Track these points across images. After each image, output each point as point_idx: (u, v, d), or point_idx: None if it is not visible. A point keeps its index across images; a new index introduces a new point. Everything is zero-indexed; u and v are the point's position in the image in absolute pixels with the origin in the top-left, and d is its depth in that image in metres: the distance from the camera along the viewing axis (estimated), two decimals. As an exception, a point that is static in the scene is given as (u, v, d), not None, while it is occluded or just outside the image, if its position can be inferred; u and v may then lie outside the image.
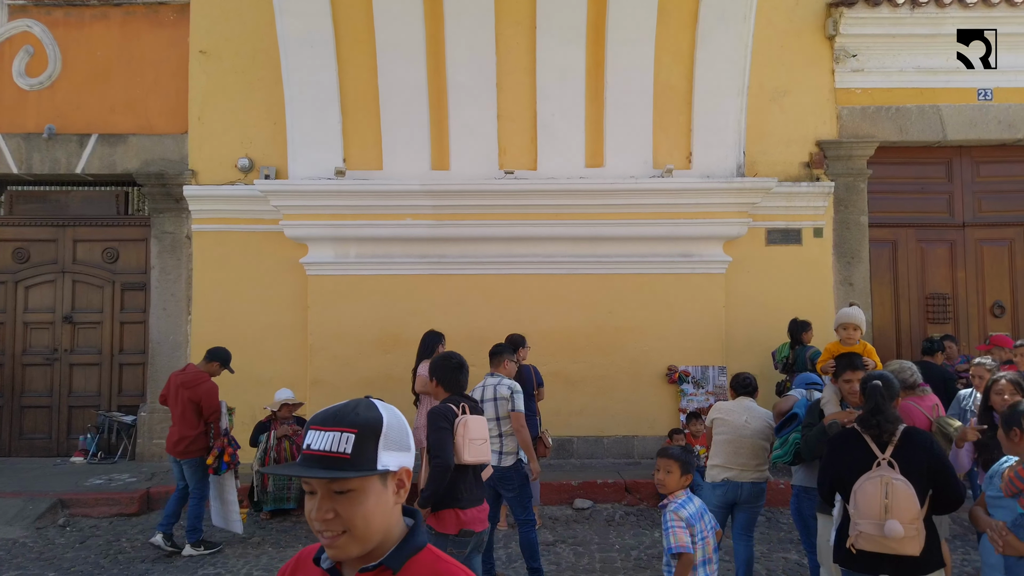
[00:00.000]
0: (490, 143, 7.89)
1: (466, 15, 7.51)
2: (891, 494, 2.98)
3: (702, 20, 7.64)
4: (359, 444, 1.32)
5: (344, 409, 1.36)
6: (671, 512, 3.43)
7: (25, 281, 8.41)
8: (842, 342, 4.50)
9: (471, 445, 3.85)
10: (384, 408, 1.39)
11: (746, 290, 8.05)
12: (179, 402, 5.79)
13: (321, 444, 1.32)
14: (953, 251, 8.47)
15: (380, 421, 1.35)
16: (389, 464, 1.35)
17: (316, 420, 1.37)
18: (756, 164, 8.14)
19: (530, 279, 7.97)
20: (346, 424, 1.32)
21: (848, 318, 4.51)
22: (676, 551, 3.35)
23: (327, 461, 1.31)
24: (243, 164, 8.07)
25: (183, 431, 5.74)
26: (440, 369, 4.23)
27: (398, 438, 1.37)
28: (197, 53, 8.17)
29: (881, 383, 3.29)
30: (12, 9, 8.24)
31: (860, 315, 4.59)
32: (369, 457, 1.32)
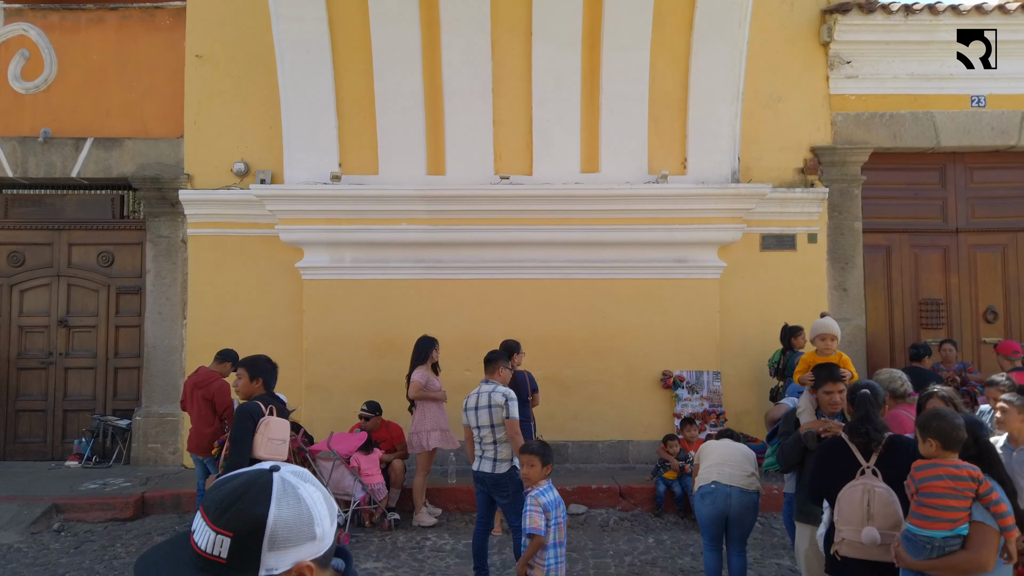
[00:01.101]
0: (486, 148, 7.91)
1: (462, 21, 7.53)
2: (873, 501, 3.02)
3: (697, 26, 7.67)
4: (235, 548, 1.15)
5: (228, 499, 1.16)
6: (531, 497, 3.92)
7: (20, 284, 8.40)
8: (818, 352, 4.55)
9: (269, 444, 4.25)
10: (277, 500, 1.17)
11: (740, 295, 8.08)
12: (195, 402, 6.12)
13: (201, 540, 1.16)
14: (946, 257, 8.51)
15: (263, 520, 1.15)
16: (276, 567, 1.16)
17: (205, 503, 1.19)
18: (751, 170, 8.17)
19: (525, 284, 7.98)
20: (223, 524, 1.15)
21: (824, 328, 4.54)
22: (529, 532, 3.86)
23: (203, 562, 1.16)
24: (239, 168, 8.08)
25: (201, 428, 6.06)
26: (262, 370, 4.61)
27: (289, 535, 1.17)
28: (193, 57, 8.17)
29: (869, 392, 3.33)
30: (8, 13, 8.24)
31: (835, 325, 4.63)
32: (250, 561, 1.15)
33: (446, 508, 6.84)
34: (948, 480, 2.83)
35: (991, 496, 2.80)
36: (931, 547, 2.85)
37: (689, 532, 6.27)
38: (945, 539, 2.83)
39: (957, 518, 2.82)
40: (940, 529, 2.82)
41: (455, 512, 6.83)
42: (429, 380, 6.53)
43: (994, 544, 2.80)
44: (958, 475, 2.83)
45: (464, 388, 6.46)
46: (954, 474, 2.84)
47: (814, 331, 4.64)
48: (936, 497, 2.84)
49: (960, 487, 2.82)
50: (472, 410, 5.08)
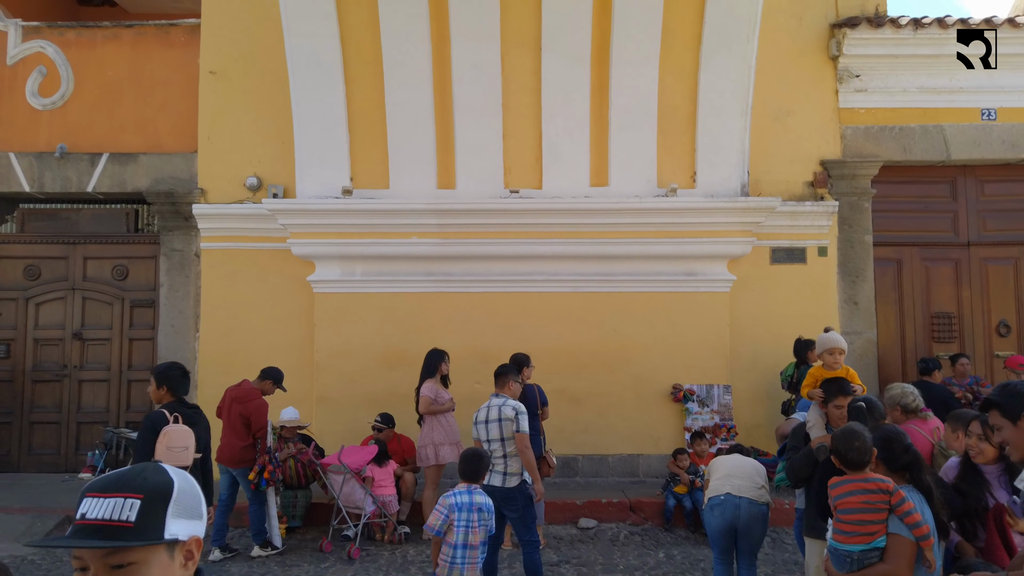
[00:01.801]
0: (495, 162, 7.96)
1: (472, 37, 7.60)
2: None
3: (705, 41, 7.71)
4: (145, 510, 1.18)
5: (129, 474, 1.22)
6: (442, 497, 4.18)
7: (36, 298, 8.51)
8: (826, 367, 4.54)
9: (168, 452, 4.44)
10: (175, 472, 1.27)
11: (750, 309, 8.07)
12: (231, 415, 6.20)
13: (99, 512, 1.18)
14: (958, 270, 8.47)
15: (170, 485, 1.22)
16: (178, 533, 1.21)
17: (95, 487, 1.22)
18: (760, 183, 8.18)
19: (535, 297, 8.01)
20: (131, 489, 1.19)
21: (830, 343, 4.54)
22: (425, 528, 4.17)
23: (106, 531, 1.16)
24: (251, 183, 8.16)
25: (233, 440, 6.14)
26: (168, 378, 4.74)
27: (190, 504, 1.24)
28: (207, 73, 8.28)
29: (865, 405, 3.37)
30: (26, 31, 8.38)
31: (841, 339, 4.63)
32: (156, 525, 1.19)
33: (456, 521, 6.83)
34: (860, 495, 2.95)
35: (904, 507, 2.87)
36: (851, 560, 2.96)
37: (699, 547, 6.25)
38: (863, 552, 2.93)
39: (873, 531, 2.92)
40: (857, 543, 2.93)
41: (465, 526, 6.82)
42: (438, 393, 6.55)
43: (910, 554, 2.88)
44: (868, 489, 2.94)
45: (474, 401, 6.48)
46: (865, 488, 2.95)
47: (820, 345, 4.64)
48: (851, 512, 2.95)
49: (872, 500, 2.92)
50: (482, 424, 5.10)
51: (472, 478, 4.27)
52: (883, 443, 3.10)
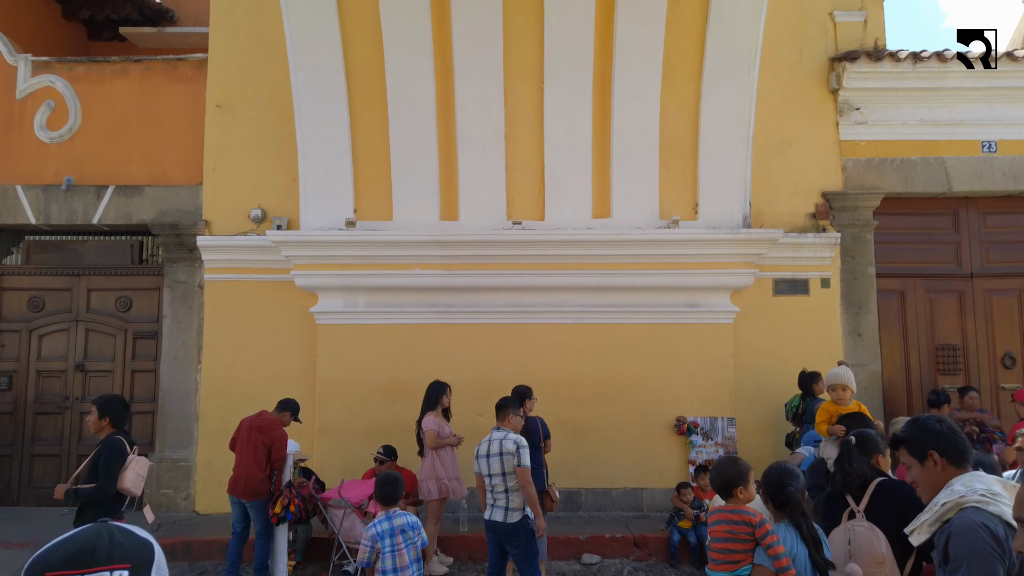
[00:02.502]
0: (498, 194, 8.00)
1: (475, 71, 7.68)
2: (853, 540, 3.08)
3: (706, 74, 7.78)
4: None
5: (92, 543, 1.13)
6: (364, 531, 4.39)
7: (39, 330, 8.52)
8: (835, 401, 4.52)
9: (136, 479, 4.74)
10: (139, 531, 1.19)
11: (754, 340, 8.04)
12: (251, 444, 6.12)
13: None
14: (962, 301, 8.44)
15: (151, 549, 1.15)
16: None
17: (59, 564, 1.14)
18: (762, 215, 8.20)
19: (538, 328, 7.99)
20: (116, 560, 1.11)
21: (837, 379, 4.53)
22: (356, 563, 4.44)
23: None
24: (256, 215, 8.20)
25: (251, 471, 6.04)
26: (110, 409, 4.93)
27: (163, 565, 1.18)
28: (214, 107, 8.37)
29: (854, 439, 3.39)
30: (36, 65, 8.50)
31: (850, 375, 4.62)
32: None
33: (457, 557, 6.77)
34: (725, 524, 3.16)
35: (768, 539, 3.04)
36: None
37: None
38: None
39: (738, 560, 3.09)
40: (724, 571, 3.11)
41: (467, 561, 6.75)
42: (441, 427, 6.51)
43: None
44: (733, 519, 3.14)
45: (476, 433, 6.44)
46: (730, 518, 3.16)
47: (829, 380, 4.63)
48: (717, 541, 3.15)
49: (736, 531, 3.10)
50: (484, 458, 5.06)
51: (388, 502, 4.51)
52: (764, 479, 3.24)
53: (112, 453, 4.71)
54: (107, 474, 4.67)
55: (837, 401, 4.52)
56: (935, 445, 2.51)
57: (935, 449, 2.51)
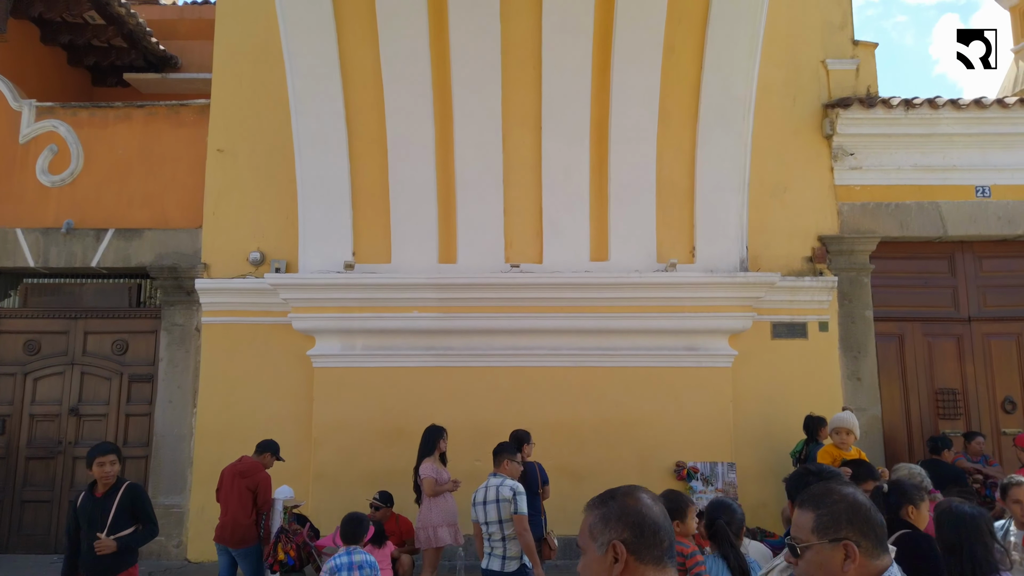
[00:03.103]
0: (496, 237, 8.04)
1: (474, 116, 7.78)
2: None
3: (702, 120, 7.88)
4: None
5: None
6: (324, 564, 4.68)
7: (34, 373, 8.47)
8: (837, 446, 4.49)
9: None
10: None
11: (753, 384, 8.01)
12: (235, 491, 6.06)
13: None
14: (960, 345, 8.43)
15: None
16: None
17: None
18: (759, 258, 8.23)
19: (536, 371, 7.96)
20: None
21: (843, 423, 4.52)
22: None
23: None
24: (254, 257, 8.23)
25: (238, 518, 5.99)
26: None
27: None
28: (215, 151, 8.45)
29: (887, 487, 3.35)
30: (40, 110, 8.61)
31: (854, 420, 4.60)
32: None
33: (454, 606, 6.62)
34: None
35: (696, 569, 3.27)
36: None
37: (706, 634, 6.01)
38: None
39: None
40: None
41: (463, 610, 6.60)
42: (439, 473, 6.42)
43: None
44: None
45: (474, 478, 6.36)
46: None
47: (833, 424, 4.60)
48: None
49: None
50: (480, 505, 4.99)
51: (351, 540, 4.72)
52: (706, 511, 3.43)
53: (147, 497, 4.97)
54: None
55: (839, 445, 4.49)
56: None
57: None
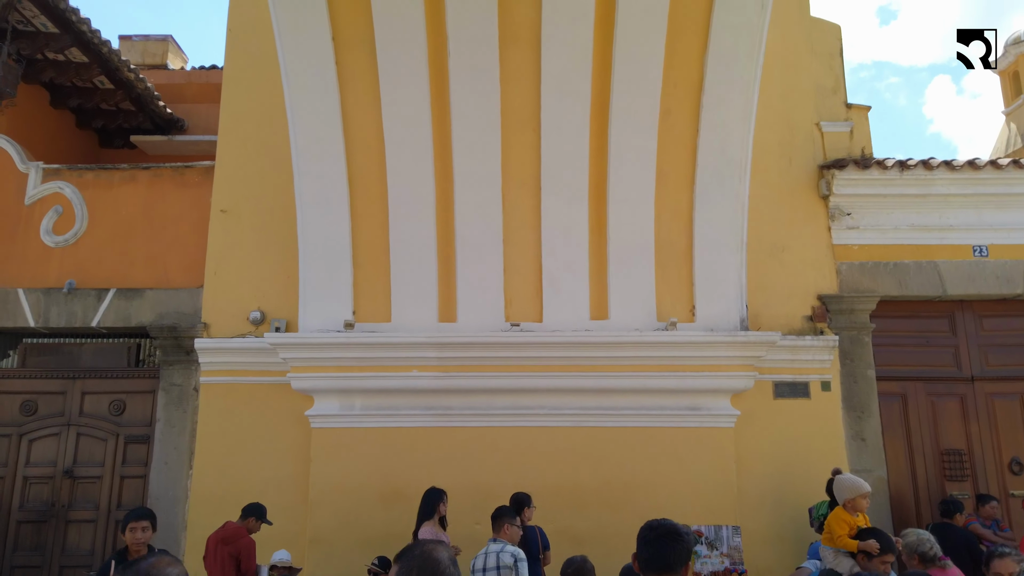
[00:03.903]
0: (496, 295, 8.05)
1: (474, 177, 7.89)
2: None
3: (699, 180, 7.97)
4: None
5: None
6: None
7: (30, 434, 8.38)
8: (850, 510, 4.39)
9: None
10: None
11: (756, 445, 7.91)
12: (219, 559, 5.97)
13: None
14: (964, 405, 8.35)
15: None
16: None
17: None
18: (759, 317, 8.23)
19: (536, 432, 7.87)
20: None
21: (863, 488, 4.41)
22: None
23: None
24: (254, 317, 8.23)
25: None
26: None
27: None
28: (218, 212, 8.54)
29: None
30: (47, 172, 8.74)
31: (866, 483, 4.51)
32: None
33: (452, 678, 6.40)
34: None
35: None
36: None
37: None
38: None
39: None
40: None
41: None
42: (438, 538, 6.30)
43: None
44: None
45: (473, 542, 6.25)
46: None
47: (853, 490, 4.50)
48: None
49: None
50: (480, 572, 4.89)
51: None
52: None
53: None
54: None
55: (855, 511, 4.39)
56: None
57: None
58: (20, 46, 9.06)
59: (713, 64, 7.51)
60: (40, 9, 8.65)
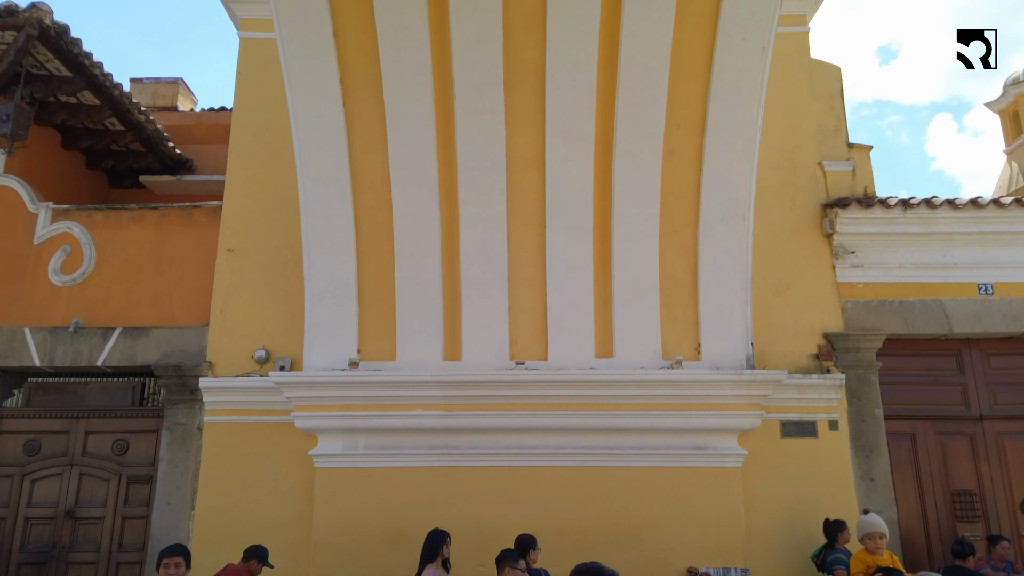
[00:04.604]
0: (501, 333, 8.05)
1: (480, 217, 7.94)
2: None
3: (703, 219, 8.00)
4: None
5: None
6: None
7: (32, 474, 8.34)
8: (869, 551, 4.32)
9: None
10: None
11: (764, 485, 7.83)
12: None
13: None
14: (974, 444, 8.27)
15: None
16: None
17: None
18: (765, 355, 8.20)
19: (541, 471, 7.81)
20: None
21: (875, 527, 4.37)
22: None
23: None
24: (259, 356, 8.24)
25: None
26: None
27: None
28: (225, 251, 8.60)
29: None
30: (56, 212, 8.83)
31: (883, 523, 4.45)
32: None
33: None
34: None
35: None
36: None
37: None
38: None
39: None
40: None
41: None
42: (441, 581, 6.22)
43: None
44: None
45: (478, 587, 6.14)
46: None
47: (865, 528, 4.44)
48: None
49: None
50: (485, 616, 4.80)
51: None
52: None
53: None
54: None
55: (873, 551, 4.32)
56: None
57: None
58: (33, 89, 9.22)
59: (715, 106, 7.61)
60: (54, 53, 8.82)
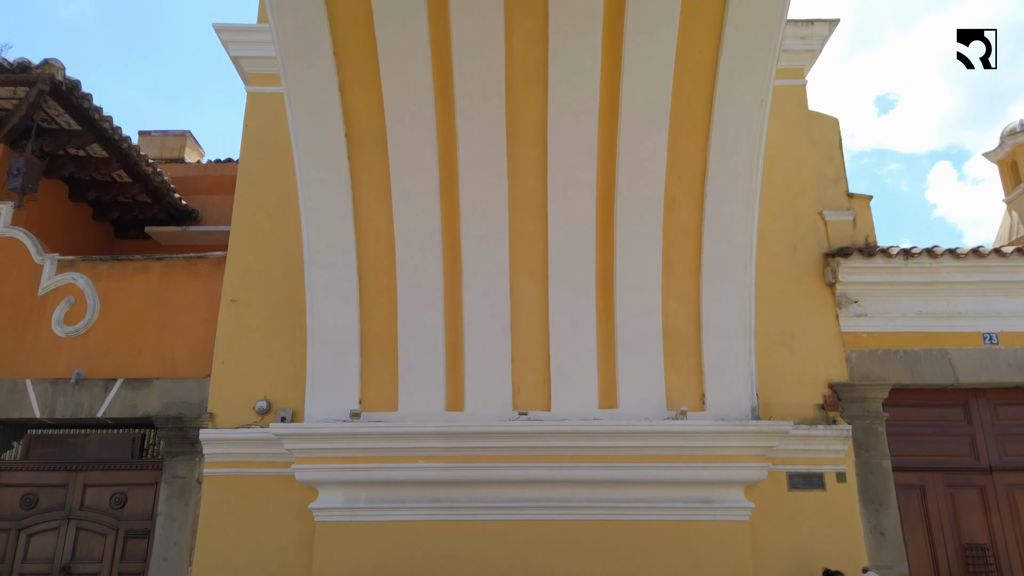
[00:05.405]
0: (504, 384, 8.00)
1: (482, 266, 7.97)
2: None
3: (705, 269, 8.01)
4: None
5: None
6: None
7: (28, 528, 8.21)
8: None
9: None
10: None
11: (772, 538, 7.68)
12: None
13: None
14: (984, 497, 8.13)
15: None
16: None
17: None
18: (770, 406, 8.13)
19: (545, 525, 7.67)
20: None
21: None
22: None
23: None
24: (260, 407, 8.18)
25: None
26: None
27: None
28: (228, 301, 8.61)
29: None
30: (61, 264, 8.87)
31: None
32: None
33: None
34: None
35: None
36: None
37: None
38: None
39: None
40: None
41: None
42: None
43: None
44: None
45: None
46: None
47: None
48: None
49: None
50: None
51: None
52: None
53: None
54: None
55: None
56: None
57: None
58: (43, 143, 9.37)
59: (715, 156, 7.68)
60: (65, 108, 8.99)
